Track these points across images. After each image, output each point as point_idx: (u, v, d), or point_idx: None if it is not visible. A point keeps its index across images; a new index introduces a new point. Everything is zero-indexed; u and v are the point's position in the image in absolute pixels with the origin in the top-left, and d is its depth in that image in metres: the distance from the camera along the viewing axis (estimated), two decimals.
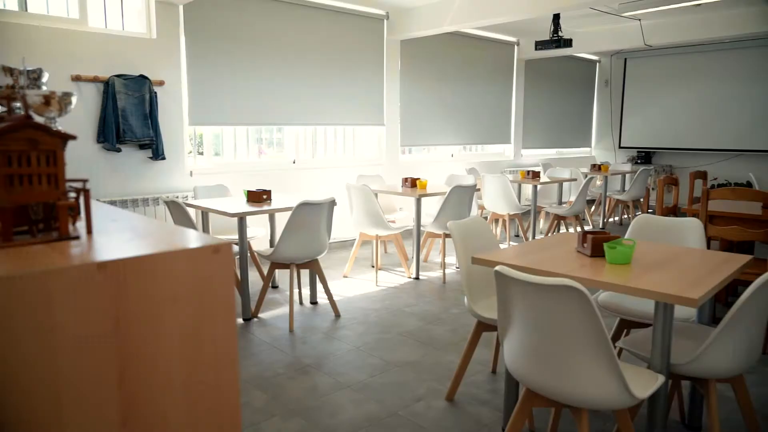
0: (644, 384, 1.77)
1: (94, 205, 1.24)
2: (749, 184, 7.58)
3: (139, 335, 0.84)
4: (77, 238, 0.93)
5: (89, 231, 0.97)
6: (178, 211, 3.56)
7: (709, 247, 3.66)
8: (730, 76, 7.99)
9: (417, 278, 4.68)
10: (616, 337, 2.62)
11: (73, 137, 0.92)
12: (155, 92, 4.43)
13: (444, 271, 4.69)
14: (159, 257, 0.84)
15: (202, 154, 5.06)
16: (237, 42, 4.92)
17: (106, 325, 0.80)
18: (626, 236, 2.73)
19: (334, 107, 5.71)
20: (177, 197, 4.55)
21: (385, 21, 6.04)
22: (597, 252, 2.21)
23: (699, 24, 6.44)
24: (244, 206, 3.73)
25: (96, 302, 0.78)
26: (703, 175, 4.76)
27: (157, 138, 4.43)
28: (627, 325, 2.62)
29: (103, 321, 0.79)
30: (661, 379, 1.81)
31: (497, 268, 1.72)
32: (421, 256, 5.41)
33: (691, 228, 2.70)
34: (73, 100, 1.23)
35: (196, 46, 4.69)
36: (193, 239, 0.93)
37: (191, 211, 4.58)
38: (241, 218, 3.61)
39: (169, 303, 0.86)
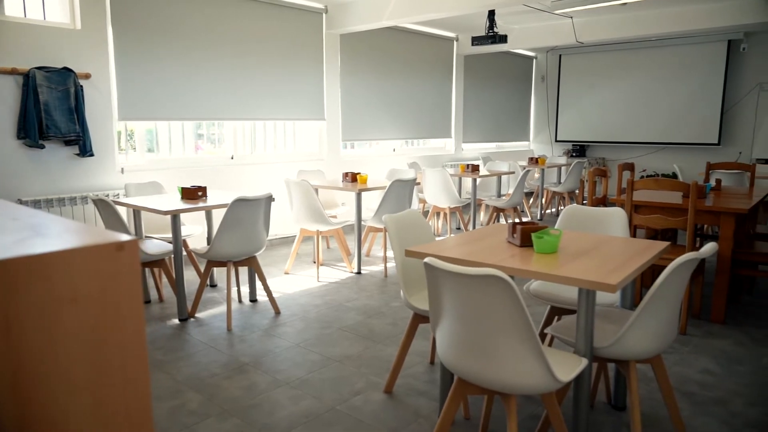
0: (569, 368, 1.84)
1: None
2: (675, 175, 8.01)
3: (34, 337, 0.79)
4: None
5: None
6: (107, 210, 3.42)
7: (635, 236, 3.84)
8: (657, 72, 8.41)
9: (359, 273, 4.69)
10: (547, 324, 2.71)
11: None
12: (81, 86, 4.21)
13: (385, 265, 4.72)
14: (54, 256, 0.80)
15: (134, 149, 4.86)
16: (170, 34, 4.76)
17: None
18: (556, 226, 2.82)
19: (273, 102, 5.62)
20: (107, 195, 4.36)
21: (323, 15, 5.99)
22: (526, 242, 2.28)
23: (626, 22, 6.73)
24: (178, 204, 3.62)
25: None
26: (630, 167, 4.99)
27: (84, 133, 4.22)
28: (557, 312, 2.71)
29: None
30: (584, 362, 1.88)
31: (426, 259, 1.74)
32: (363, 251, 5.42)
33: (616, 217, 2.82)
34: None
35: (125, 38, 4.49)
36: (94, 236, 0.89)
37: (122, 210, 4.41)
38: (175, 216, 3.50)
39: (68, 303, 0.82)
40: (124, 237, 0.89)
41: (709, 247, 2.00)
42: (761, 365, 2.91)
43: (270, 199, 3.58)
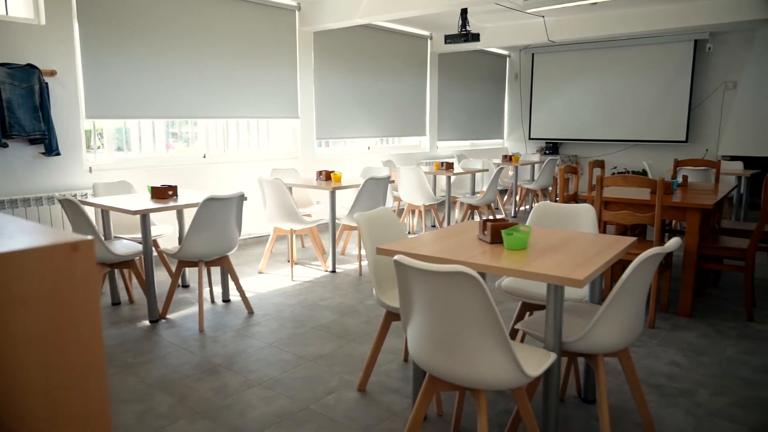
0: (537, 362, 1.86)
1: None
2: (645, 172, 8.17)
3: None
4: None
5: None
6: (74, 210, 3.34)
7: (605, 231, 3.91)
8: (627, 71, 8.56)
9: (333, 271, 4.67)
10: (519, 320, 2.73)
11: None
12: (46, 83, 4.11)
13: (360, 263, 4.71)
14: (4, 257, 0.77)
15: (102, 148, 4.76)
16: (139, 30, 4.67)
17: None
18: (527, 223, 2.86)
19: (246, 100, 5.56)
20: (74, 195, 4.26)
21: (296, 12, 5.94)
22: (496, 239, 2.30)
23: (597, 22, 6.84)
24: (147, 203, 3.55)
25: None
26: (601, 164, 5.07)
27: (49, 132, 4.11)
28: (529, 308, 2.74)
29: None
30: (553, 357, 1.91)
31: (396, 257, 1.74)
32: (338, 249, 5.40)
33: (585, 213, 2.86)
34: None
35: (92, 34, 4.39)
36: (48, 237, 0.86)
37: (90, 210, 4.31)
38: (144, 216, 3.43)
39: (18, 306, 0.80)
40: (79, 237, 0.87)
41: (673, 242, 2.04)
42: (725, 356, 2.99)
43: (242, 198, 3.54)
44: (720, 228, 4.34)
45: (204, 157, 5.38)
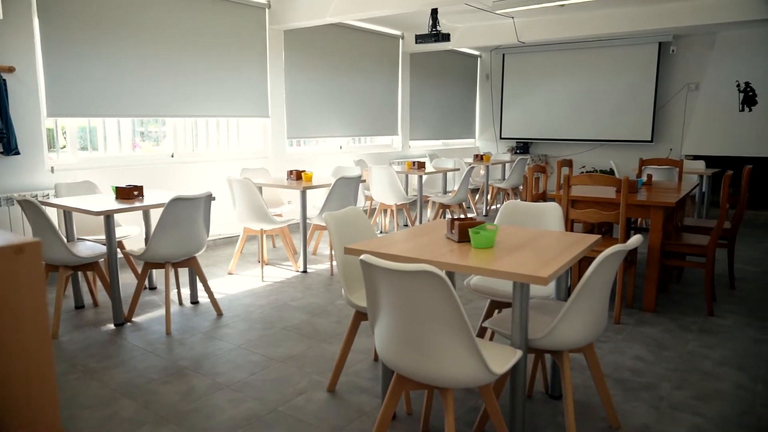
0: (504, 360, 1.88)
1: None
2: (612, 171, 8.33)
3: None
4: None
5: None
6: (34, 211, 3.24)
7: (572, 230, 3.97)
8: (595, 72, 8.72)
9: (305, 272, 4.64)
10: (487, 318, 2.76)
11: None
12: (4, 80, 3.98)
13: (332, 263, 4.69)
14: None
15: (65, 147, 4.63)
16: (104, 26, 4.55)
17: None
18: (495, 221, 2.88)
19: (215, 98, 5.48)
20: (35, 196, 4.14)
21: (266, 10, 5.88)
22: (464, 237, 2.31)
23: (564, 23, 6.94)
24: (112, 204, 3.47)
25: None
26: (569, 163, 5.15)
27: (8, 130, 3.99)
28: (497, 305, 2.76)
29: None
30: (519, 354, 1.93)
31: (362, 257, 1.74)
32: (310, 249, 5.37)
33: (552, 212, 2.90)
34: None
35: (54, 29, 4.27)
36: None
37: (52, 212, 4.20)
38: (108, 216, 3.35)
39: None
40: (25, 239, 0.84)
41: (634, 239, 2.08)
42: (687, 350, 3.07)
43: (210, 198, 3.49)
44: (683, 225, 4.45)
45: (172, 156, 5.29)
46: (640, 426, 2.31)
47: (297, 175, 4.97)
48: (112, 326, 3.42)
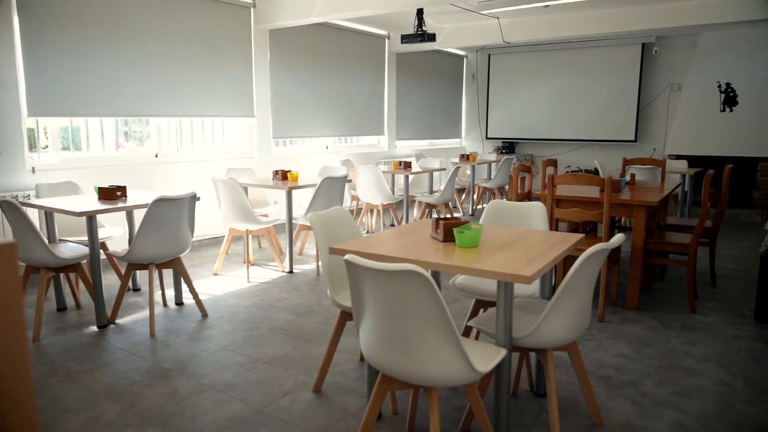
0: (488, 359, 1.89)
1: None
2: (596, 171, 8.41)
3: None
4: None
5: None
6: (13, 212, 3.19)
7: (557, 229, 4.00)
8: (580, 72, 8.79)
9: (291, 272, 4.62)
10: (473, 317, 2.77)
11: None
12: None
13: (318, 263, 4.68)
14: None
15: (46, 148, 4.57)
16: (87, 24, 4.50)
17: None
18: (480, 221, 2.89)
19: (200, 98, 5.44)
20: (15, 197, 4.08)
21: (251, 9, 5.85)
22: (448, 237, 2.32)
23: (549, 24, 6.99)
24: (94, 204, 3.43)
25: None
26: (554, 163, 5.19)
27: None
28: (482, 304, 2.78)
29: None
30: (503, 352, 1.94)
31: (347, 257, 1.73)
32: (296, 249, 5.36)
33: (536, 211, 2.92)
34: None
35: (34, 27, 4.21)
36: None
37: (33, 213, 4.14)
38: (91, 217, 3.31)
39: None
40: (1, 241, 0.82)
41: (617, 238, 2.10)
42: (669, 347, 3.11)
43: (194, 198, 3.47)
44: (665, 224, 4.51)
45: (156, 156, 5.24)
46: (623, 422, 2.33)
47: (283, 175, 4.95)
48: (94, 328, 3.38)
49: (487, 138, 9.86)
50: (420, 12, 5.71)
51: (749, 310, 3.74)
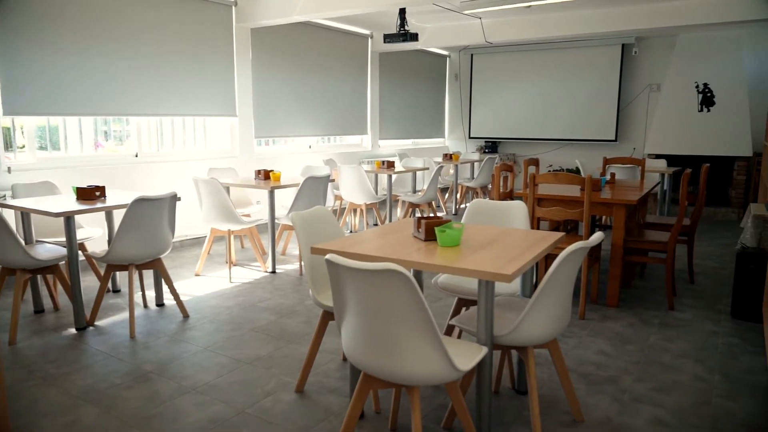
0: (470, 357, 1.90)
1: None
2: (578, 170, 8.50)
3: None
4: None
5: None
6: None
7: (538, 228, 4.04)
8: (561, 73, 8.88)
9: (273, 272, 4.60)
10: (455, 316, 2.78)
11: None
12: None
13: (301, 263, 4.66)
14: None
15: (23, 147, 4.49)
16: (65, 21, 4.42)
17: None
18: (462, 220, 2.91)
19: (181, 97, 5.39)
20: None
21: (233, 8, 5.81)
22: (430, 236, 2.33)
23: (531, 24, 7.05)
24: (72, 204, 3.38)
25: None
26: (535, 162, 5.23)
27: None
28: (464, 303, 2.79)
29: None
30: (484, 350, 1.95)
31: (327, 256, 1.73)
32: (279, 249, 5.33)
33: (517, 210, 2.94)
34: None
35: (10, 24, 4.13)
36: None
37: (8, 213, 4.06)
38: (69, 218, 3.26)
39: None
40: None
41: (596, 236, 2.13)
42: (648, 344, 3.15)
43: (174, 198, 3.43)
44: (645, 223, 4.57)
45: (136, 156, 5.18)
46: (602, 418, 2.36)
47: (265, 175, 4.92)
48: (73, 330, 3.33)
49: (470, 137, 9.91)
50: (402, 11, 5.72)
51: (726, 306, 3.82)
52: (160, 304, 3.79)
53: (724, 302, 3.90)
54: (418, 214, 7.07)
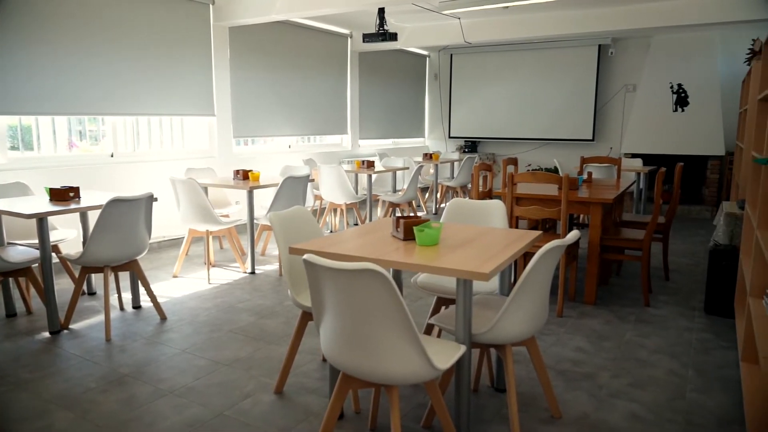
0: (448, 356, 1.90)
1: None
2: (556, 169, 8.60)
3: None
4: None
5: None
6: None
7: (517, 227, 4.07)
8: (539, 73, 8.97)
9: (253, 273, 4.57)
10: (435, 315, 2.79)
11: None
12: None
13: (280, 263, 4.64)
14: None
15: None
16: (37, 19, 4.33)
17: None
18: (441, 219, 2.92)
19: (158, 96, 5.31)
20: None
21: (210, 6, 5.75)
22: (409, 235, 2.33)
23: (509, 25, 7.11)
24: (45, 206, 3.31)
25: None
26: (514, 162, 5.28)
27: None
28: (444, 302, 2.80)
29: None
30: (462, 349, 1.96)
31: (305, 256, 1.72)
32: (258, 250, 5.29)
33: (495, 209, 2.97)
34: None
35: None
36: None
37: None
38: (41, 219, 3.19)
39: None
40: None
41: (572, 235, 2.15)
42: (624, 340, 3.20)
43: (151, 198, 3.38)
44: (621, 221, 4.64)
45: (111, 156, 5.09)
46: (579, 414, 2.39)
47: (244, 175, 4.88)
48: (46, 334, 3.26)
49: (449, 137, 9.95)
50: (381, 11, 5.72)
51: (699, 302, 3.89)
52: (136, 306, 3.73)
53: (698, 298, 3.98)
54: (398, 214, 7.08)
